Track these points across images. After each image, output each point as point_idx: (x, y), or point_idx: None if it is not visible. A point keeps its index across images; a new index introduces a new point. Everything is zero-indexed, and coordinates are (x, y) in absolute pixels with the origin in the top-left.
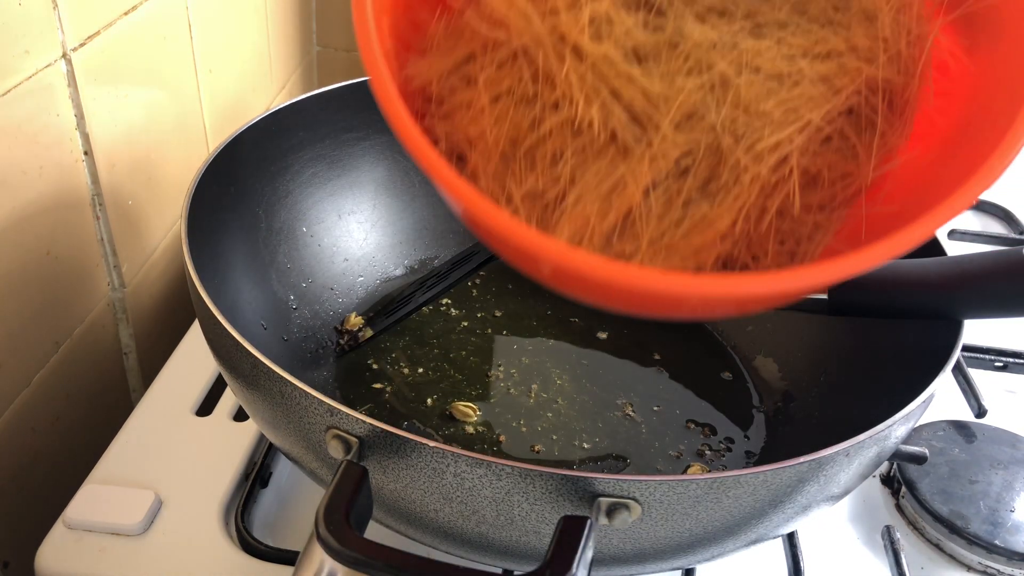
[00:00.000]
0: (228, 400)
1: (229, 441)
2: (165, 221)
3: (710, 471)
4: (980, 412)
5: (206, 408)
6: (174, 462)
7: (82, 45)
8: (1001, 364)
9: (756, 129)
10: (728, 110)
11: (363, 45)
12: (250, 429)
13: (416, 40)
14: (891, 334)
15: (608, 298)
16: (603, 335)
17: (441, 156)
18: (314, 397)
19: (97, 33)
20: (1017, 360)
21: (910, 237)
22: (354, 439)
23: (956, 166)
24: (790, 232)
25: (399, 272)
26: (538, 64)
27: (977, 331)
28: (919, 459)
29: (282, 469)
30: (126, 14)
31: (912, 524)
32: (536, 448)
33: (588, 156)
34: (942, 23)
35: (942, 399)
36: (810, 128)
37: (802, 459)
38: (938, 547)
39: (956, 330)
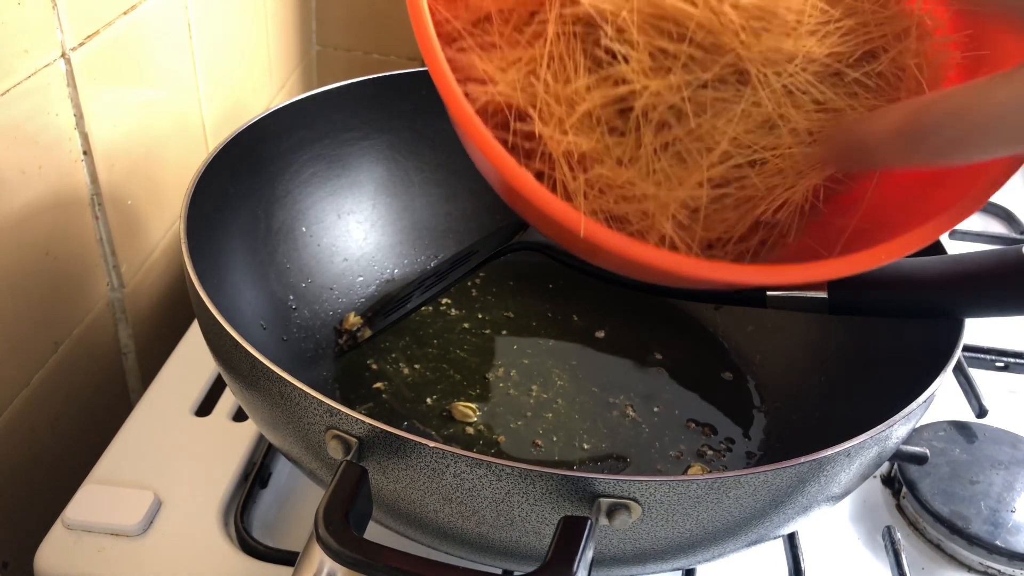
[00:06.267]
0: (227, 400)
1: (228, 441)
2: (164, 221)
3: (711, 471)
4: (981, 412)
5: (205, 408)
6: (173, 462)
7: (81, 44)
8: (1002, 364)
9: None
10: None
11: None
12: (249, 429)
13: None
14: (891, 334)
15: (637, 272)
16: (602, 334)
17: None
18: (313, 397)
19: (96, 32)
20: (1018, 360)
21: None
22: (353, 439)
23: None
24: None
25: (398, 272)
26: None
27: (978, 331)
28: (920, 459)
29: (281, 469)
30: (125, 14)
31: (913, 524)
32: (536, 448)
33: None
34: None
35: (943, 399)
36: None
37: (803, 459)
38: (939, 548)
39: (957, 330)
